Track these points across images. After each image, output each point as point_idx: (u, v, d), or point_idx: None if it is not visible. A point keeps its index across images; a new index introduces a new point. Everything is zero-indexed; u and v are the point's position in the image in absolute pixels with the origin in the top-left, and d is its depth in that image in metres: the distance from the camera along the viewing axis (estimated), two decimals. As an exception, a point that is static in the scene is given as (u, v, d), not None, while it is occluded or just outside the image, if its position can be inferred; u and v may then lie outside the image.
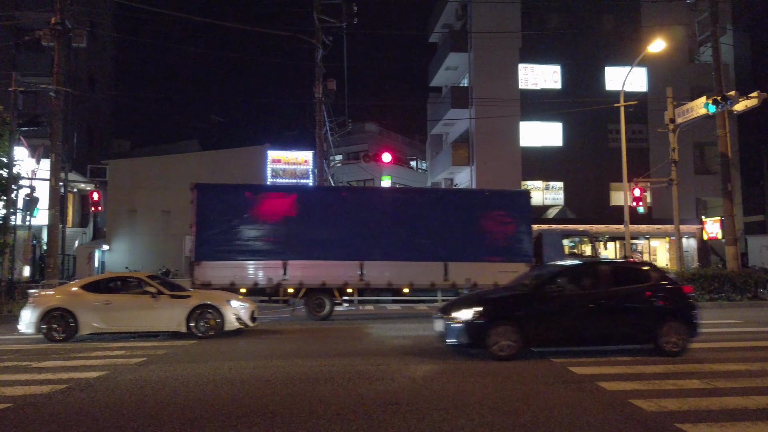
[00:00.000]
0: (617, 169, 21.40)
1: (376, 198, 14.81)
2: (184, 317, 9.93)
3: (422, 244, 13.60)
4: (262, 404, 5.36)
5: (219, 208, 13.52)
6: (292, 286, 13.26)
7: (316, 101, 20.75)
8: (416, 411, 5.10)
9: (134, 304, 10.04)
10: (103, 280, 10.65)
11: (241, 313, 10.29)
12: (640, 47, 21.21)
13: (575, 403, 5.39)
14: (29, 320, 9.76)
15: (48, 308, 9.75)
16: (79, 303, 9.85)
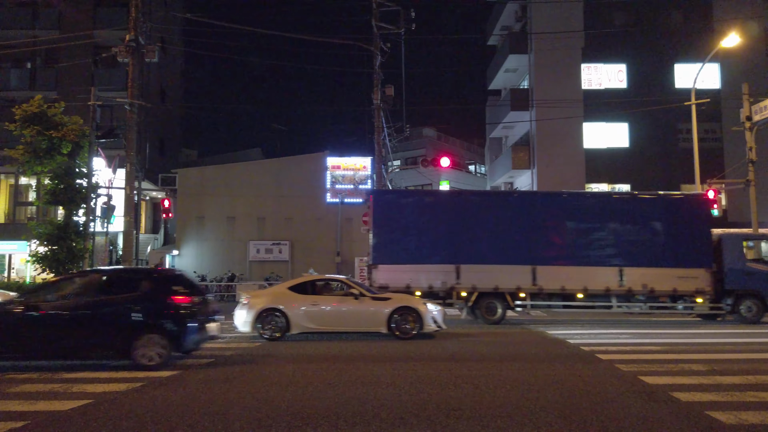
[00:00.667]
0: (688, 171, 20.46)
1: (549, 202, 14.69)
2: (385, 319, 10.29)
3: (596, 248, 13.58)
4: (326, 406, 5.44)
5: (394, 212, 14.10)
6: (464, 290, 13.46)
7: (374, 107, 20.95)
8: (480, 417, 5.03)
9: (340, 306, 10.55)
10: (309, 282, 11.20)
11: (437, 316, 10.57)
12: (712, 43, 20.26)
13: (648, 414, 5.16)
14: (245, 320, 10.40)
15: (262, 309, 10.36)
16: (290, 304, 10.45)
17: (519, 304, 13.62)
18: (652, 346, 9.49)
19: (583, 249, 13.59)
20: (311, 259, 27.09)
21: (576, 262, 13.49)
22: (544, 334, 11.33)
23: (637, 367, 7.43)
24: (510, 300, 13.49)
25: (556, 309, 14.11)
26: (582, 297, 13.46)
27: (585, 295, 13.44)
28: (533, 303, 13.70)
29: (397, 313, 10.34)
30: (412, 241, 13.75)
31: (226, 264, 26.88)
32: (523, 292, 13.45)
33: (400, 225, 13.87)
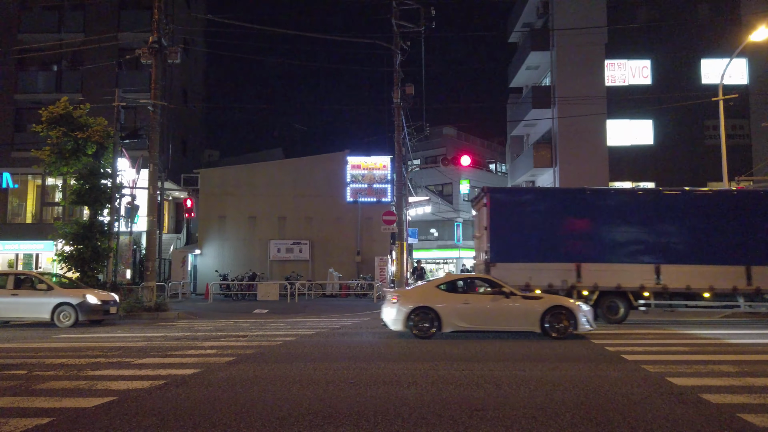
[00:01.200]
0: (715, 168, 20.04)
1: (672, 200, 14.40)
2: (539, 318, 10.26)
3: (721, 246, 13.32)
4: (347, 405, 5.40)
5: (511, 210, 14.07)
6: (586, 289, 13.33)
7: (394, 106, 20.88)
8: (503, 418, 4.95)
9: (491, 304, 10.51)
10: (456, 280, 11.24)
11: (588, 316, 10.51)
12: (740, 37, 19.79)
13: (677, 416, 5.03)
14: (396, 318, 10.49)
15: (414, 307, 10.42)
16: (441, 302, 10.49)
17: (642, 303, 13.38)
18: (679, 347, 9.28)
19: (710, 247, 13.30)
20: (331, 259, 27.16)
21: (703, 261, 13.21)
22: (567, 334, 11.15)
23: (664, 368, 7.27)
24: (633, 299, 13.31)
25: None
26: (708, 296, 13.19)
27: (711, 295, 13.17)
28: (657, 302, 13.42)
29: (550, 312, 10.22)
30: (531, 239, 13.65)
31: (247, 263, 27.07)
32: (646, 291, 13.25)
33: (518, 223, 13.78)
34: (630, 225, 13.56)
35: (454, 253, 44.09)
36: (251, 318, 15.77)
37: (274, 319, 15.27)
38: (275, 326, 13.29)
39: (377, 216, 25.72)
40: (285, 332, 11.83)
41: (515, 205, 14.17)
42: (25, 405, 5.53)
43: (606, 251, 13.42)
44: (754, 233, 13.28)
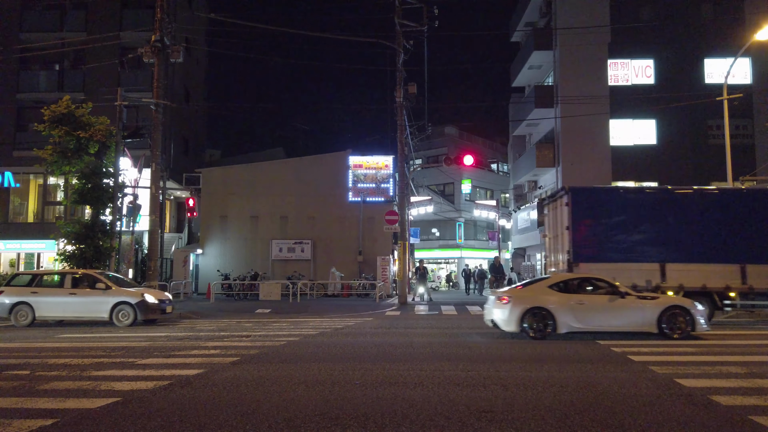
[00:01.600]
0: (718, 167, 19.95)
1: (757, 198, 14.21)
2: (656, 318, 10.18)
3: None
4: (353, 406, 5.35)
5: (593, 209, 13.93)
6: (671, 289, 13.12)
7: (397, 106, 20.84)
8: (512, 420, 4.90)
9: (606, 304, 10.39)
10: (570, 280, 11.05)
11: (704, 316, 10.41)
12: (744, 36, 19.71)
13: (688, 418, 4.97)
14: (509, 318, 10.38)
15: (528, 308, 10.34)
16: (556, 303, 10.39)
17: (728, 304, 13.22)
18: (686, 348, 9.21)
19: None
20: (333, 258, 27.11)
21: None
22: (572, 335, 11.10)
23: (672, 369, 7.21)
24: (718, 300, 13.15)
25: None
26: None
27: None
28: (743, 303, 13.24)
29: (667, 313, 10.13)
30: (614, 239, 13.53)
31: (248, 263, 27.03)
32: (732, 292, 13.10)
33: (601, 222, 13.68)
34: (716, 225, 13.43)
35: (455, 252, 44.03)
36: (254, 318, 15.72)
37: (276, 319, 15.22)
38: (278, 326, 13.24)
39: (379, 215, 25.67)
40: (288, 332, 11.78)
41: (599, 204, 14.01)
42: (28, 405, 5.48)
43: (691, 251, 13.29)
44: None
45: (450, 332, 11.68)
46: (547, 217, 15.75)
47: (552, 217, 15.28)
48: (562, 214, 14.16)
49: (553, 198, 15.12)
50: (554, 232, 14.94)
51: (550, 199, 15.46)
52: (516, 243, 36.93)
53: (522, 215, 34.13)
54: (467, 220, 44.80)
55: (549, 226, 15.56)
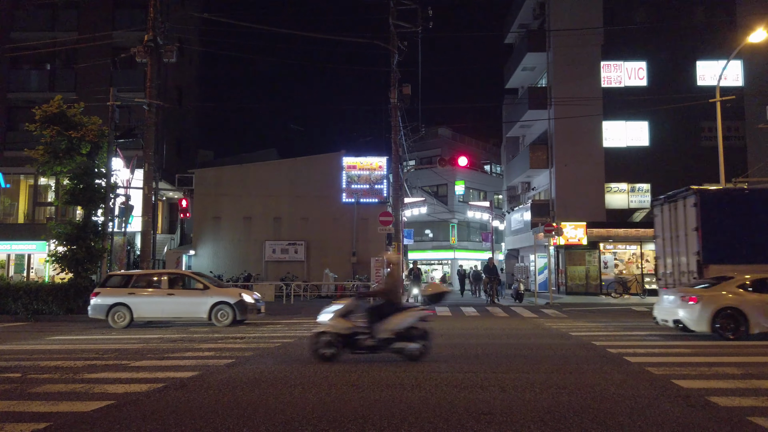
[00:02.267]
0: (711, 169, 20.08)
1: None
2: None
3: None
4: (351, 409, 5.30)
5: (726, 211, 13.74)
6: None
7: (391, 106, 20.82)
8: (512, 422, 4.86)
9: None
10: (761, 280, 10.74)
11: None
12: (735, 39, 19.84)
13: (687, 419, 4.96)
14: (699, 318, 10.28)
15: (720, 308, 10.22)
16: (748, 302, 10.26)
17: None
18: (682, 349, 9.23)
19: None
20: (327, 259, 27.04)
21: None
22: (567, 336, 11.11)
23: (669, 370, 7.21)
24: None
25: (576, 310, 13.60)
26: None
27: None
28: None
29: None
30: (748, 240, 13.33)
31: (242, 264, 26.91)
32: None
33: (734, 223, 13.49)
34: None
35: (449, 254, 44.05)
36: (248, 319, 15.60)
37: (270, 321, 15.14)
38: (272, 328, 13.17)
39: (373, 217, 25.63)
40: (282, 334, 11.71)
41: (730, 205, 13.84)
42: (20, 409, 5.39)
43: None
44: None
45: (445, 333, 11.64)
46: (660, 218, 15.56)
47: (669, 218, 15.03)
48: (685, 215, 13.97)
49: (671, 199, 14.87)
50: (672, 234, 14.76)
51: (667, 199, 15.18)
52: (509, 244, 37.01)
53: (515, 216, 34.20)
54: (461, 221, 44.82)
55: (663, 228, 15.33)
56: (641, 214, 26.50)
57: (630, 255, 26.25)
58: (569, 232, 24.50)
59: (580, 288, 25.50)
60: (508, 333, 11.87)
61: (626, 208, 26.94)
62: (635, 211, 26.77)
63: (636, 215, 26.57)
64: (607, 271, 25.85)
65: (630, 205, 27.01)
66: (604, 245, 25.94)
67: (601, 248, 25.89)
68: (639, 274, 25.75)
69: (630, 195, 27.12)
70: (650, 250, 26.12)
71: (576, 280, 25.91)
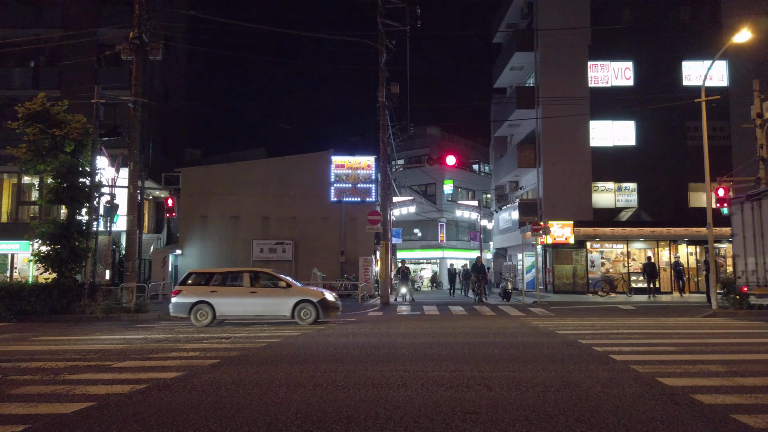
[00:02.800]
0: (696, 169, 20.26)
1: None
2: None
3: None
4: (336, 409, 5.26)
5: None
6: None
7: (379, 105, 20.78)
8: (497, 421, 4.84)
9: None
10: None
11: None
12: (721, 39, 20.02)
13: (672, 417, 4.97)
14: None
15: None
16: None
17: None
18: (667, 347, 9.27)
19: None
20: (315, 259, 26.93)
21: None
22: (554, 334, 11.13)
23: (653, 368, 7.23)
24: None
25: (563, 308, 13.58)
26: None
27: None
28: None
29: None
30: None
31: (229, 263, 26.71)
32: None
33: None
34: None
35: (437, 253, 44.12)
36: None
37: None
38: (259, 327, 13.08)
39: (361, 216, 25.57)
40: (269, 333, 11.63)
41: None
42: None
43: None
44: None
45: (433, 332, 11.63)
46: (740, 216, 15.55)
47: (751, 217, 15.05)
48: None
49: (754, 197, 14.89)
50: (755, 232, 14.79)
51: (749, 198, 15.19)
52: (497, 243, 37.11)
53: (503, 215, 34.30)
54: (449, 220, 44.91)
55: (745, 226, 15.33)
56: (628, 213, 26.68)
57: (617, 254, 26.43)
58: (556, 231, 24.60)
59: (567, 287, 25.63)
60: (495, 332, 11.88)
61: (613, 207, 27.12)
62: (622, 210, 26.95)
63: (622, 214, 26.75)
64: (593, 269, 26.01)
65: (617, 204, 27.19)
66: (591, 244, 26.09)
67: (588, 247, 26.04)
68: (625, 272, 25.93)
69: (617, 194, 27.30)
70: (636, 249, 26.35)
71: (563, 278, 26.04)
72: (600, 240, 26.02)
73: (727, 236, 25.43)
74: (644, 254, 26.32)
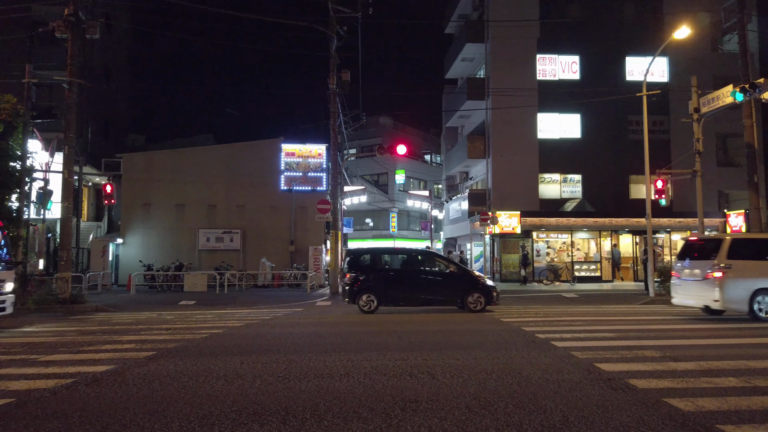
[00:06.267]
0: (637, 161, 20.90)
1: None
2: None
3: None
4: (274, 400, 5.10)
5: None
6: None
7: (330, 93, 20.47)
8: (437, 410, 4.80)
9: None
10: None
11: None
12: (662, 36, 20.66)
13: (607, 402, 5.05)
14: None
15: None
16: None
17: None
18: (606, 333, 9.52)
19: None
20: (264, 248, 26.47)
21: None
22: (499, 322, 11.27)
23: (592, 354, 7.39)
24: None
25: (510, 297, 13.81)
26: None
27: None
28: None
29: None
30: None
31: (173, 253, 25.94)
32: None
33: None
34: None
35: (389, 242, 44.21)
36: (176, 310, 15.05)
37: (201, 311, 14.64)
38: (202, 318, 12.71)
39: (312, 205, 25.24)
40: (212, 324, 11.31)
41: None
42: None
43: None
44: None
45: (380, 321, 11.58)
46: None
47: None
48: None
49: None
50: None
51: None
52: (448, 233, 37.48)
53: (454, 206, 34.62)
54: (401, 210, 45.07)
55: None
56: (572, 203, 27.37)
57: (561, 243, 27.10)
58: (504, 221, 24.99)
59: (514, 275, 26.12)
60: (442, 320, 11.94)
61: (559, 198, 27.76)
62: (567, 201, 27.62)
63: (567, 205, 27.42)
64: (539, 258, 26.59)
65: (562, 195, 27.85)
66: (537, 234, 26.65)
67: (534, 237, 26.58)
68: (569, 261, 26.64)
69: (562, 185, 27.95)
70: (580, 239, 27.10)
71: (510, 267, 26.52)
72: (546, 230, 26.61)
73: (665, 227, 26.53)
74: (588, 244, 27.11)
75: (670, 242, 27.30)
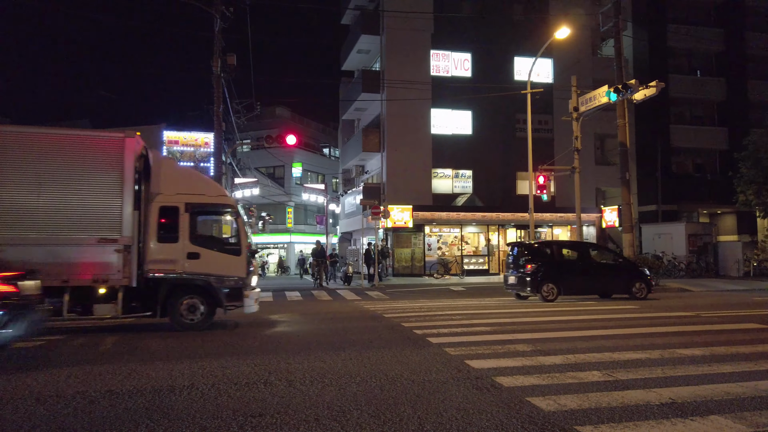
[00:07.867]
0: (524, 158, 21.57)
1: None
2: None
3: None
4: (89, 422, 4.27)
5: None
6: None
7: (213, 77, 19.23)
8: (281, 424, 4.22)
9: None
10: None
11: None
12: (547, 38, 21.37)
13: (468, 404, 4.72)
14: None
15: None
16: None
17: None
18: (483, 327, 9.42)
19: None
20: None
21: None
22: (381, 318, 10.91)
23: (465, 350, 7.16)
24: None
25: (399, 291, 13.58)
26: None
27: None
28: None
29: None
30: None
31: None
32: None
33: None
34: None
35: (285, 237, 43.07)
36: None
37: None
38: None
39: (196, 196, 23.70)
40: (60, 328, 9.98)
41: None
42: None
43: None
44: None
45: (254, 321, 10.82)
46: None
47: None
48: None
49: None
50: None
51: None
52: (343, 227, 37.07)
53: (349, 199, 34.24)
54: (298, 204, 43.99)
55: None
56: (463, 198, 27.89)
57: (452, 238, 27.54)
58: (396, 215, 24.94)
59: (406, 270, 26.18)
60: (323, 317, 11.41)
61: (450, 193, 28.18)
62: (458, 195, 28.11)
63: (459, 200, 27.90)
64: (431, 252, 26.85)
65: (454, 190, 28.30)
66: (429, 228, 26.88)
67: (426, 231, 26.79)
68: (459, 255, 27.13)
69: (454, 180, 28.41)
70: (470, 233, 27.69)
71: (403, 261, 26.56)
72: (437, 224, 26.90)
73: (548, 221, 27.75)
74: (477, 238, 27.76)
75: (551, 236, 28.59)
